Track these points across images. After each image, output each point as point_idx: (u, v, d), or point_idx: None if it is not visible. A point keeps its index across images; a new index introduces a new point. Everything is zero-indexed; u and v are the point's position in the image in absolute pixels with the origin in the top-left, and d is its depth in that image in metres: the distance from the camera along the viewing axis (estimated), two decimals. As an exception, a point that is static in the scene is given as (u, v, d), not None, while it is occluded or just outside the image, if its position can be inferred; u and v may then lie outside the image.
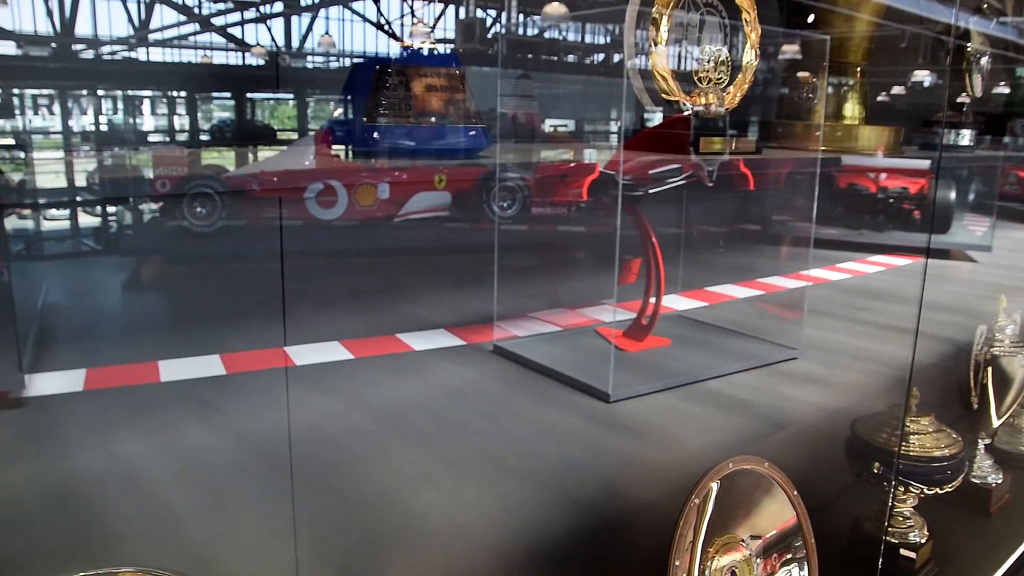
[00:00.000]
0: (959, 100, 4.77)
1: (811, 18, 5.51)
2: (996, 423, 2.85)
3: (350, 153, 7.63)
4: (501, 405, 4.44)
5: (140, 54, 15.12)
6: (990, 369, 2.73)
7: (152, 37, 14.48)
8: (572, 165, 4.59)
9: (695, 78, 4.08)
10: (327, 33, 13.61)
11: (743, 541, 1.94)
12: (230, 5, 12.88)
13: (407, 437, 4.02)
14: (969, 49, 4.50)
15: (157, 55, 16.58)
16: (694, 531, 1.78)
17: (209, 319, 5.82)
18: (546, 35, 16.94)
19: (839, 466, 2.94)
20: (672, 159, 4.83)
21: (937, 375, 4.47)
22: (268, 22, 16.84)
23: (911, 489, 2.33)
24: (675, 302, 6.37)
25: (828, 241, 9.03)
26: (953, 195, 9.24)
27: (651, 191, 5.10)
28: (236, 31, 16.07)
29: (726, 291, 6.82)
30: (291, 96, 18.24)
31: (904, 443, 2.35)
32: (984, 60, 4.55)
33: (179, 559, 2.82)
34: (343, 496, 3.36)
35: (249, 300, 6.29)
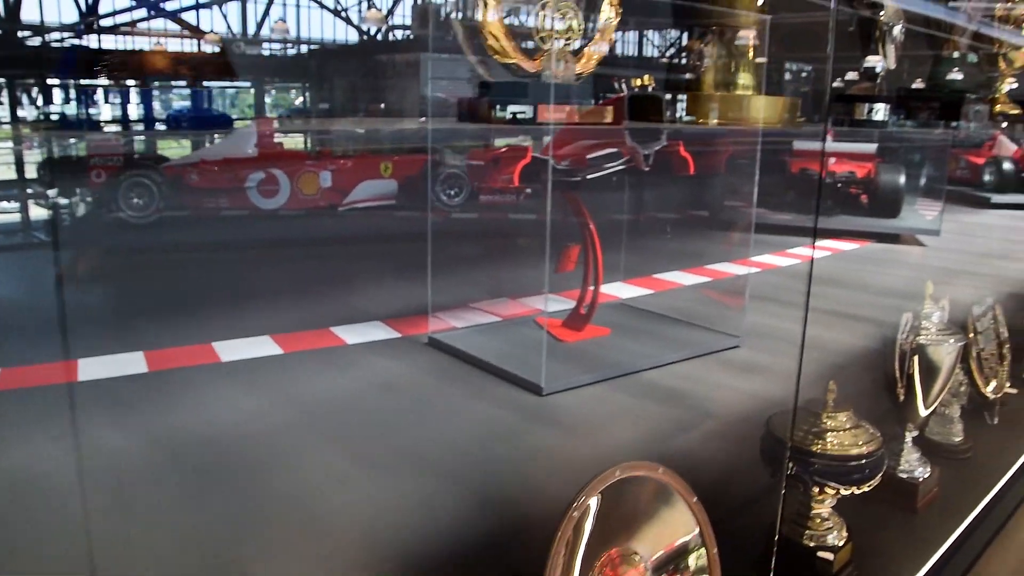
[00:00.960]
0: (873, 70, 4.57)
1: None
2: (924, 413, 2.69)
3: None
4: (429, 400, 4.24)
5: (90, 41, 14.67)
6: (916, 358, 2.57)
7: (104, 23, 14.05)
8: (504, 150, 4.40)
9: (536, 37, 3.77)
10: (282, 19, 13.24)
11: (637, 555, 1.76)
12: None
13: (328, 436, 3.81)
14: (881, 18, 4.34)
15: (109, 43, 16.13)
16: (571, 548, 1.59)
17: (138, 314, 5.57)
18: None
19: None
20: (603, 144, 4.65)
21: (875, 363, 4.33)
22: (223, 9, 16.43)
23: (827, 489, 2.16)
24: (619, 290, 6.20)
25: (779, 227, 8.91)
26: (902, 179, 9.16)
27: (589, 176, 4.91)
28: (190, 19, 15.66)
29: (672, 278, 6.66)
30: (248, 84, 17.86)
31: (820, 441, 2.18)
32: (897, 30, 4.37)
33: (64, 566, 2.59)
34: (250, 499, 3.15)
35: (182, 294, 6.05)
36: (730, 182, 7.06)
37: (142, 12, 14.17)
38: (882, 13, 4.10)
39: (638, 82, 4.43)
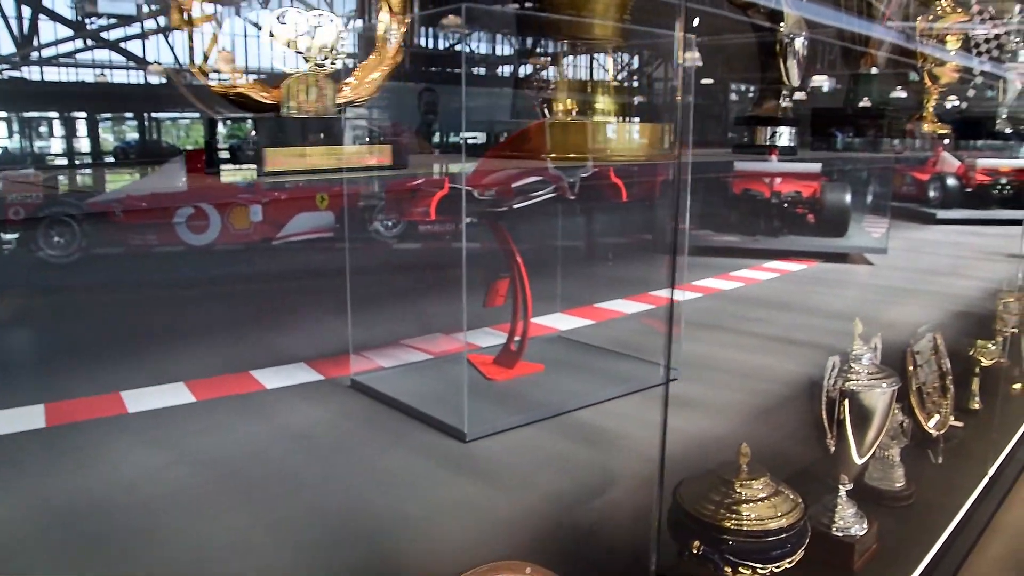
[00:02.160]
0: (782, 93, 4.30)
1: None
2: (859, 462, 2.39)
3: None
4: (344, 451, 3.88)
5: (29, 73, 14.20)
6: (847, 404, 2.27)
7: (40, 55, 13.59)
8: (421, 181, 4.10)
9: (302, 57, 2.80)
10: (224, 49, 12.83)
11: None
12: (113, 21, 12.04)
13: (231, 494, 3.45)
14: (781, 30, 4.06)
15: (52, 75, 15.64)
16: None
17: (44, 362, 5.16)
18: (457, 48, 16.43)
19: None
20: (531, 172, 4.35)
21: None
22: (169, 39, 16.01)
23: (742, 570, 1.84)
24: (558, 321, 5.89)
25: (723, 249, 8.69)
26: (848, 198, 8.97)
27: (515, 206, 4.61)
28: (134, 50, 15.22)
29: (613, 306, 6.36)
30: (197, 115, 17.39)
31: (733, 514, 1.87)
32: (799, 43, 4.10)
33: None
34: (137, 570, 2.80)
35: (95, 338, 5.64)
36: (666, 207, 6.79)
37: (80, 43, 13.75)
38: (782, 25, 3.82)
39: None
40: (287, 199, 7.20)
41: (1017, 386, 3.91)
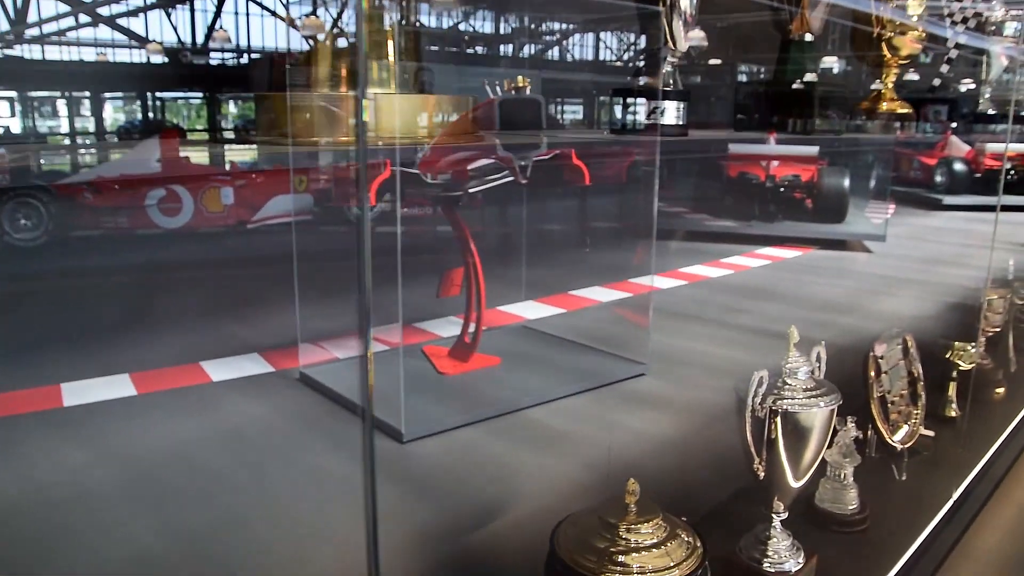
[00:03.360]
0: (665, 57, 3.83)
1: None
2: (795, 486, 2.05)
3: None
4: (277, 451, 3.58)
5: (25, 51, 13.93)
6: (779, 424, 1.93)
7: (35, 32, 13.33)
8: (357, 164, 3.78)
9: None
10: (222, 27, 12.56)
11: None
12: None
13: (143, 499, 3.16)
14: None
15: (52, 53, 15.39)
16: None
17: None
18: (447, 26, 16.06)
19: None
20: (485, 154, 4.01)
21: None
22: (171, 18, 15.73)
23: (624, 631, 1.51)
24: (527, 310, 5.56)
25: (716, 234, 8.30)
26: (847, 183, 8.54)
27: (470, 190, 4.27)
28: (134, 27, 14.93)
29: (588, 294, 6.01)
30: (200, 95, 17.13)
31: (618, 567, 1.54)
32: (686, 2, 3.65)
33: None
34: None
35: (48, 326, 5.38)
36: (642, 190, 6.42)
37: (76, 21, 13.45)
38: None
39: (510, 83, 3.80)
40: (262, 181, 6.89)
41: (1000, 390, 3.53)
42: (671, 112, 3.72)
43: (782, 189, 8.56)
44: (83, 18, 14.58)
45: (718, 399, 4.16)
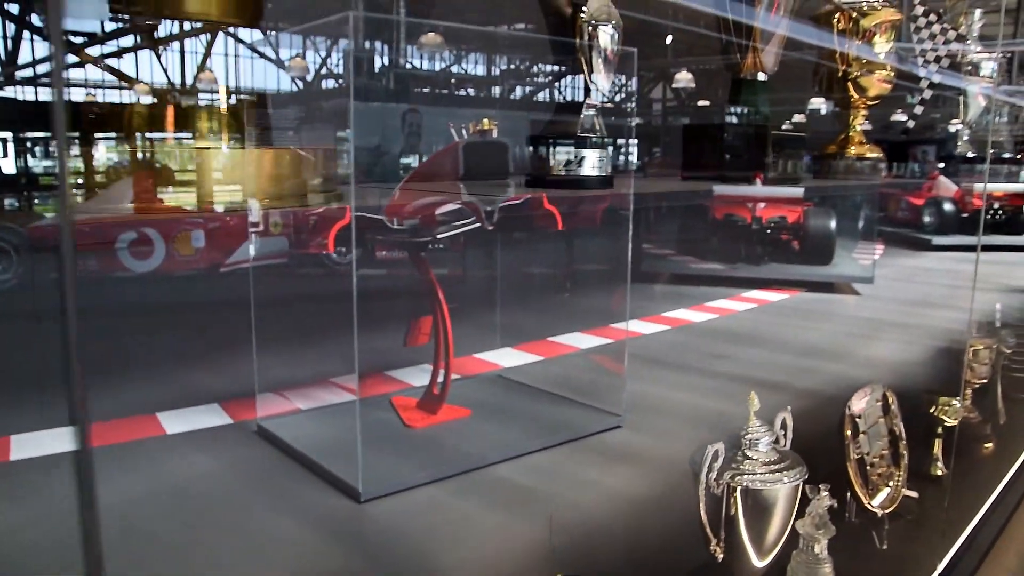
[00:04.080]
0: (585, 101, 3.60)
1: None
2: (760, 566, 1.86)
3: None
4: (219, 513, 3.36)
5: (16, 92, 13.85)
6: (738, 500, 1.74)
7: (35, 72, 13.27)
8: (321, 211, 3.63)
9: None
10: (209, 69, 12.52)
11: None
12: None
13: (73, 563, 2.92)
14: (582, 18, 3.43)
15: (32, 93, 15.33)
16: None
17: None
18: (438, 68, 16.06)
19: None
20: (451, 199, 3.86)
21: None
22: (162, 60, 15.68)
23: None
24: (504, 357, 5.37)
25: (701, 277, 8.15)
26: (833, 224, 8.40)
27: (439, 236, 4.11)
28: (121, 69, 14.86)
29: (568, 340, 5.82)
30: (188, 136, 17.02)
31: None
32: (607, 35, 3.46)
33: None
34: None
35: (4, 373, 5.17)
36: (620, 235, 6.27)
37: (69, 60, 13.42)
38: (583, 11, 3.23)
39: (476, 126, 3.65)
40: (236, 223, 6.72)
41: (988, 445, 3.34)
42: (590, 161, 3.46)
43: (768, 231, 8.42)
44: (73, 58, 14.54)
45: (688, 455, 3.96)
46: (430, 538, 3.13)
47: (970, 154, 5.35)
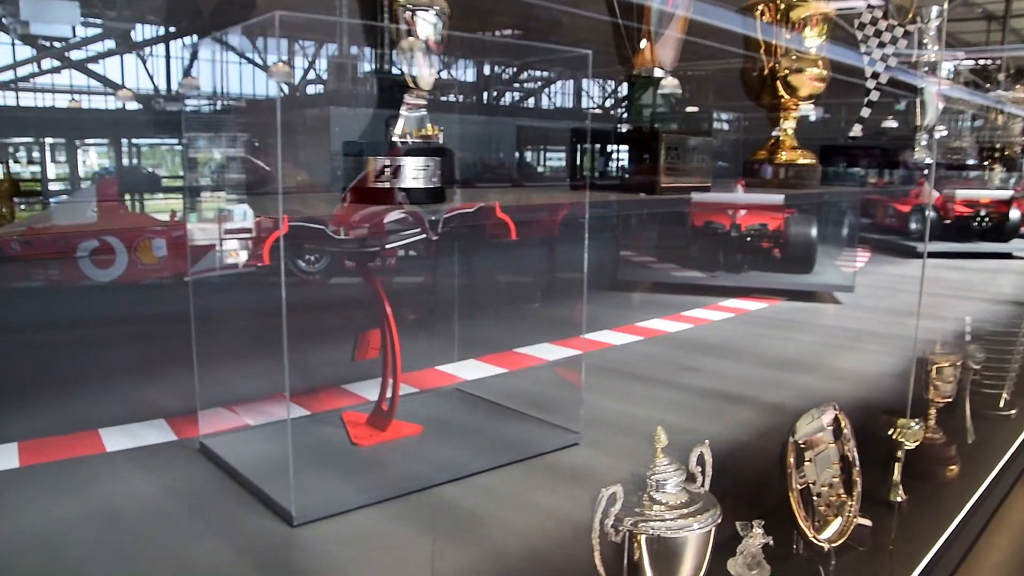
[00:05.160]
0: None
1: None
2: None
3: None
4: (148, 538, 3.17)
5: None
6: (642, 548, 1.55)
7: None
8: (257, 221, 3.49)
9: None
10: (191, 75, 12.35)
11: None
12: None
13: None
14: (400, 1, 3.20)
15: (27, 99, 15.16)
16: None
17: None
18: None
19: None
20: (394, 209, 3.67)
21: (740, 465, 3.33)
22: (147, 65, 15.54)
23: None
24: (468, 370, 5.18)
25: (680, 285, 7.96)
26: (814, 232, 8.23)
27: (388, 247, 3.94)
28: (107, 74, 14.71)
29: (535, 352, 5.63)
30: (175, 141, 16.86)
31: None
32: (427, 20, 3.21)
33: None
34: None
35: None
36: (569, 245, 6.07)
37: (38, 66, 13.23)
38: None
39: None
40: (204, 231, 6.52)
41: (953, 468, 3.16)
42: (410, 171, 3.15)
43: (749, 238, 8.25)
44: (57, 64, 14.39)
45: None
46: (359, 566, 2.95)
47: (928, 160, 5.15)
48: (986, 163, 8.77)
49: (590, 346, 5.88)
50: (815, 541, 2.36)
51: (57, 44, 10.67)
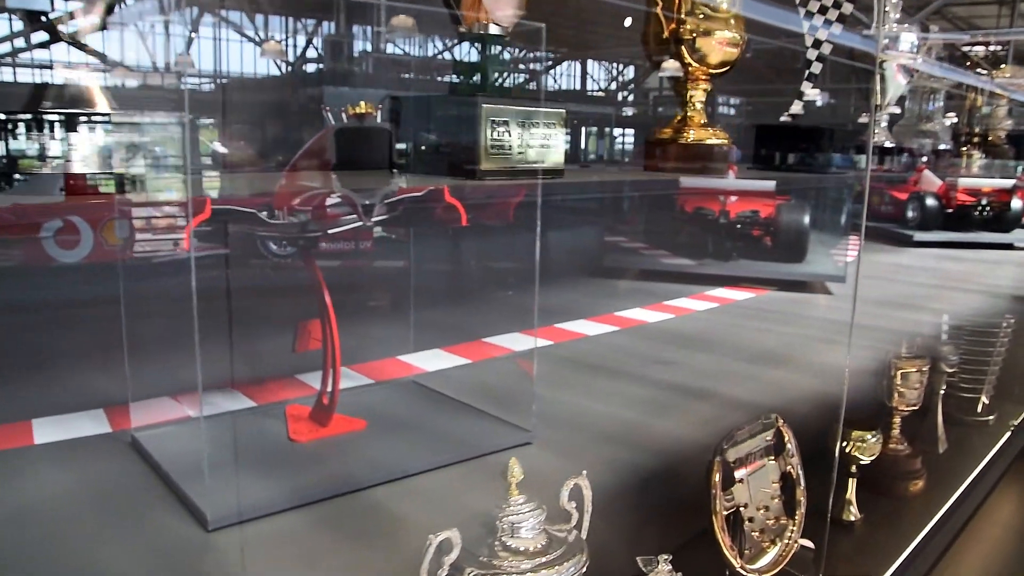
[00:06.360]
0: None
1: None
2: None
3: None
4: (58, 540, 2.94)
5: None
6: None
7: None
8: (185, 202, 3.26)
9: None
10: (185, 52, 12.04)
11: None
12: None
13: None
14: None
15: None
16: None
17: None
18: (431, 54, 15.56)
19: None
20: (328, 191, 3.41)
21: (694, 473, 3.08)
22: (147, 42, 15.22)
23: None
24: (431, 360, 4.92)
25: (664, 273, 7.67)
26: (807, 220, 7.90)
27: (329, 231, 3.67)
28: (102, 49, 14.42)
29: (505, 342, 5.35)
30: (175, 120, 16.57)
31: None
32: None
33: None
34: None
35: None
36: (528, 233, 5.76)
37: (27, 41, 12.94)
38: None
39: (353, 109, 3.20)
40: (176, 211, 6.27)
41: (918, 483, 2.87)
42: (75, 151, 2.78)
43: (739, 226, 7.93)
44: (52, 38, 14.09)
45: (601, 480, 3.50)
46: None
47: (888, 144, 4.76)
48: (964, 148, 8.35)
49: (563, 336, 5.62)
50: (743, 573, 2.09)
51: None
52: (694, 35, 3.28)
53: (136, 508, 3.16)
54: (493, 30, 2.88)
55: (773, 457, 2.26)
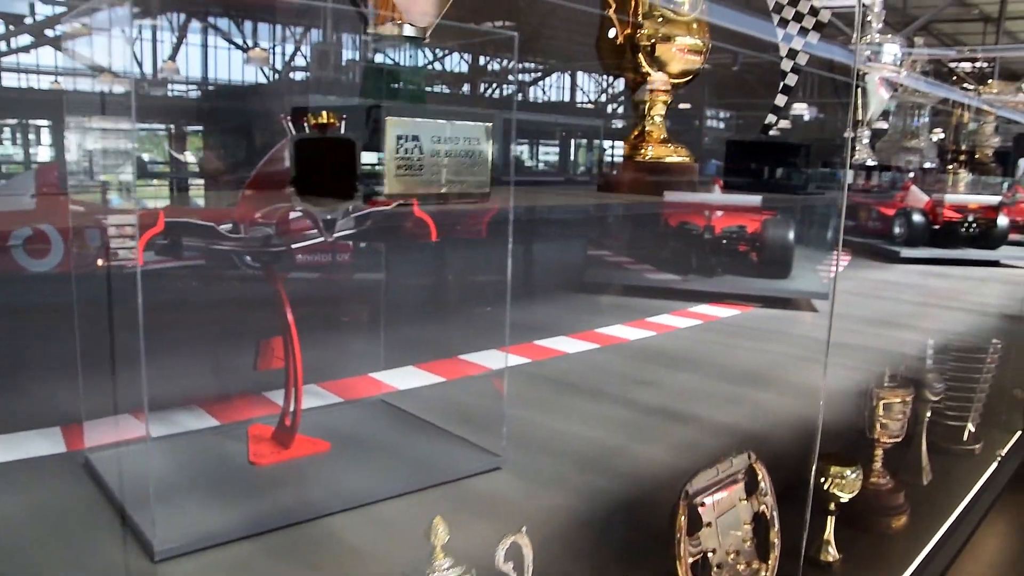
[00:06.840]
0: None
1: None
2: None
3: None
4: (-7, 573, 2.76)
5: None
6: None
7: None
8: (139, 213, 3.13)
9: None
10: (170, 59, 11.92)
11: None
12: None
13: None
14: None
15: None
16: None
17: None
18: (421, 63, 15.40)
19: None
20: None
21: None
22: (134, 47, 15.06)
23: None
24: (404, 378, 4.76)
25: (647, 289, 7.52)
26: (792, 235, 7.77)
27: (295, 246, 3.51)
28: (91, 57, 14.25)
29: (481, 359, 5.19)
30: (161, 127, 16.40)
31: None
32: None
33: None
34: None
35: None
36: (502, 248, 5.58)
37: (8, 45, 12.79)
38: None
39: (314, 119, 3.04)
40: (146, 222, 6.10)
41: (900, 518, 2.72)
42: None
43: (724, 241, 7.79)
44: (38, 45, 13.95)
45: (574, 506, 3.35)
46: (214, 616, 2.53)
47: (870, 162, 4.60)
48: (950, 166, 8.24)
49: (542, 354, 5.46)
50: (712, 622, 1.93)
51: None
52: (652, 41, 3.09)
53: (81, 536, 2.98)
54: (408, 31, 2.65)
55: (745, 497, 2.11)
